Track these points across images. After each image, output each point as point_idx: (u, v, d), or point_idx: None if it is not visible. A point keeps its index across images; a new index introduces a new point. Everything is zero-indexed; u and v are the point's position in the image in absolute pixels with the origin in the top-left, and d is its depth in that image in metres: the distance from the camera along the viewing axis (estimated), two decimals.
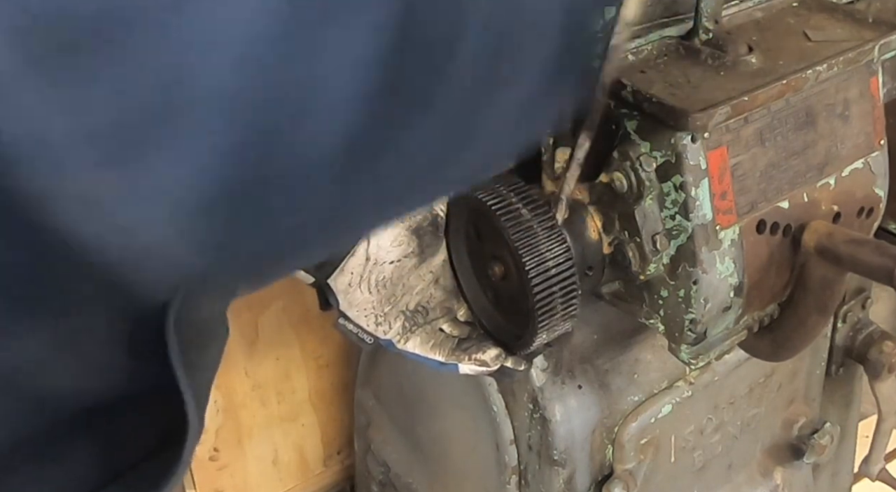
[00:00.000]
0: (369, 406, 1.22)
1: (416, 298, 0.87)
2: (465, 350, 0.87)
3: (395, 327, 0.87)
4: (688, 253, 0.75)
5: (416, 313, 0.87)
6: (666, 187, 0.74)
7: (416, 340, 0.87)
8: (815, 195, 0.80)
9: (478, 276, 0.85)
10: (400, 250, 0.85)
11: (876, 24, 0.82)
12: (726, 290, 0.77)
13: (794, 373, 1.09)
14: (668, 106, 0.71)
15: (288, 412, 1.35)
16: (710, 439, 1.03)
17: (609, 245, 0.79)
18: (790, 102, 0.76)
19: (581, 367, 0.92)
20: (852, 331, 1.12)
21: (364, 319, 0.87)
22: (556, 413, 0.91)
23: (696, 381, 0.96)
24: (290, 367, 1.32)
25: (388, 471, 1.22)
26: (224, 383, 1.26)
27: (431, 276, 0.87)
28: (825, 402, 1.15)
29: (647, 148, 0.74)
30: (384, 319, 0.87)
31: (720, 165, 0.73)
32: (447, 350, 0.88)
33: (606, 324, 0.93)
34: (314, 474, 1.44)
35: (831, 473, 1.24)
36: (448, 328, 0.89)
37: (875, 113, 0.82)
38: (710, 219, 0.74)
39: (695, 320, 0.77)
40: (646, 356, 0.95)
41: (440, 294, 0.88)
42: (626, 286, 0.82)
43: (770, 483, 1.13)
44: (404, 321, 0.87)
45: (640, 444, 0.95)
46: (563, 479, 0.94)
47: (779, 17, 0.85)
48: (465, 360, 0.87)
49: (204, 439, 1.28)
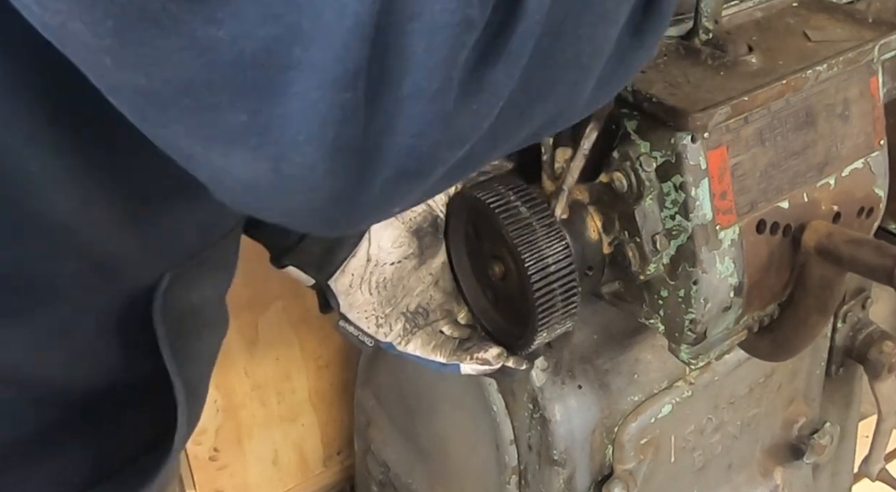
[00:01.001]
0: (369, 406, 1.22)
1: (416, 299, 0.87)
2: (467, 350, 0.87)
3: (395, 329, 0.87)
4: (688, 253, 0.75)
5: (417, 315, 0.87)
6: (666, 187, 0.74)
7: (417, 342, 0.87)
8: (815, 195, 0.80)
9: (478, 276, 0.85)
10: (400, 252, 0.85)
11: (876, 24, 0.82)
12: (726, 290, 0.77)
13: (794, 373, 1.09)
14: (668, 106, 0.71)
15: (288, 412, 1.35)
16: (710, 439, 1.03)
17: (609, 245, 0.79)
18: (790, 102, 0.76)
19: (581, 367, 0.92)
20: (852, 331, 1.12)
21: (365, 320, 0.87)
22: (556, 413, 0.91)
23: (696, 381, 0.96)
24: (290, 367, 1.32)
25: (388, 471, 1.22)
26: (224, 383, 1.26)
27: (431, 278, 0.87)
28: (825, 402, 1.15)
29: (647, 148, 0.74)
30: (385, 321, 0.87)
31: (720, 165, 0.73)
32: (448, 351, 0.87)
33: (606, 324, 0.93)
34: (314, 475, 1.44)
35: (831, 473, 1.24)
36: (448, 330, 0.88)
37: (875, 113, 0.82)
38: (710, 219, 0.74)
39: (695, 320, 0.77)
40: (646, 356, 0.95)
41: (440, 296, 0.88)
42: (626, 286, 0.82)
43: (770, 483, 1.13)
44: (405, 323, 0.87)
45: (640, 444, 0.95)
46: (563, 479, 0.94)
47: (779, 17, 0.85)
48: (466, 360, 0.87)
49: (204, 439, 1.28)
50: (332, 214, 0.43)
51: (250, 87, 0.37)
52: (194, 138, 0.40)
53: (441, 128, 0.41)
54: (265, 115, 0.38)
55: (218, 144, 0.40)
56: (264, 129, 0.38)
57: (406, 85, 0.38)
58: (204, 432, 1.28)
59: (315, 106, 0.37)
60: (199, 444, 1.28)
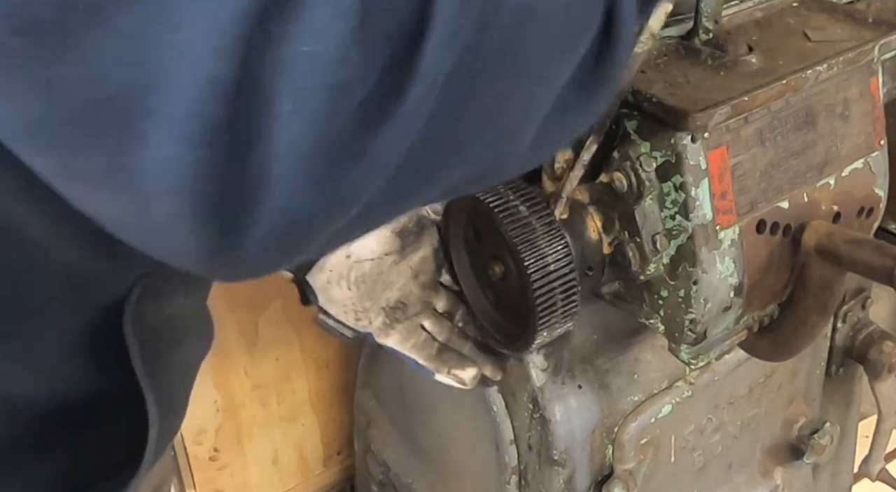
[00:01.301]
0: (369, 406, 1.22)
1: (396, 293, 0.87)
2: (445, 362, 0.88)
3: (375, 323, 0.87)
4: (688, 253, 0.75)
5: (396, 310, 0.88)
6: (666, 187, 0.74)
7: (396, 337, 0.88)
8: (815, 195, 0.80)
9: (478, 277, 0.85)
10: (381, 249, 0.85)
11: (876, 24, 0.82)
12: (726, 290, 0.77)
13: (794, 373, 1.08)
14: (668, 106, 0.71)
15: (288, 412, 1.35)
16: (710, 439, 1.03)
17: (609, 245, 0.79)
18: (790, 102, 0.76)
19: (581, 367, 0.92)
20: (852, 331, 1.12)
21: (344, 315, 0.87)
22: (556, 413, 0.91)
23: (696, 381, 0.96)
24: (290, 367, 1.32)
25: (388, 471, 1.22)
26: (224, 383, 1.26)
27: (411, 271, 0.87)
28: (825, 402, 1.15)
29: (647, 148, 0.74)
30: (364, 315, 0.87)
31: (720, 165, 0.73)
32: (427, 355, 0.88)
33: (606, 324, 0.93)
34: (314, 475, 1.44)
35: (831, 473, 1.24)
36: (429, 325, 0.89)
37: (875, 113, 0.82)
38: (710, 219, 0.74)
39: (695, 320, 0.77)
40: (646, 356, 0.95)
41: (419, 290, 0.88)
42: (626, 286, 0.82)
43: (770, 483, 1.13)
44: (384, 317, 0.87)
45: (640, 444, 0.95)
46: (563, 479, 0.94)
47: (779, 17, 0.85)
48: (443, 371, 0.88)
49: (204, 439, 1.28)
50: (212, 266, 0.42)
51: (108, 130, 0.36)
52: (60, 174, 0.39)
53: (315, 192, 0.39)
54: (123, 161, 0.37)
55: (80, 182, 0.39)
56: (123, 174, 0.37)
57: (273, 146, 0.37)
58: (204, 432, 1.28)
59: (170, 158, 0.36)
60: (199, 444, 1.28)
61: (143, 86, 0.35)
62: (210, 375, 1.24)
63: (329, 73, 0.36)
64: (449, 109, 0.41)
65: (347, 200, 0.41)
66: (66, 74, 0.35)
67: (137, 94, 0.35)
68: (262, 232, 0.39)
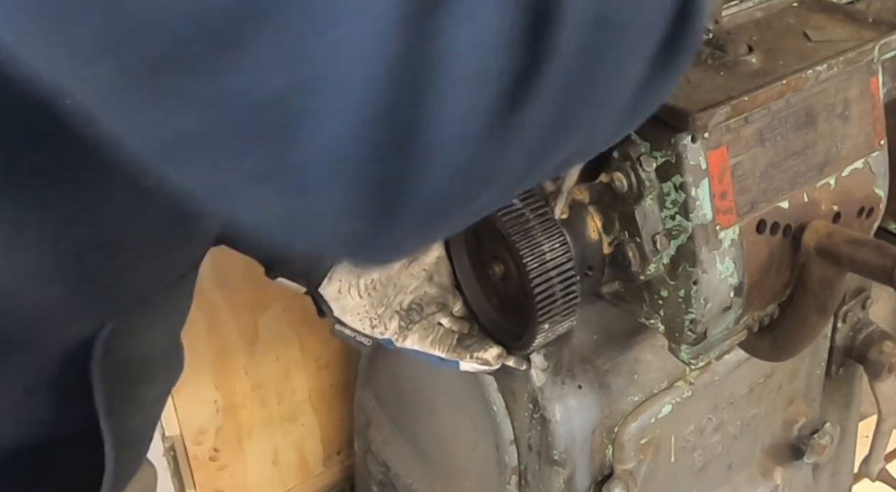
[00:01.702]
0: (369, 406, 1.22)
1: (409, 296, 0.87)
2: (467, 348, 0.87)
3: (391, 328, 0.87)
4: (688, 253, 0.75)
5: (411, 311, 0.87)
6: (666, 187, 0.74)
7: (415, 337, 0.88)
8: (815, 195, 0.80)
9: (478, 277, 0.85)
10: None
11: (876, 24, 0.82)
12: (726, 290, 0.77)
13: (794, 373, 1.08)
14: (669, 106, 0.71)
15: (288, 412, 1.35)
16: (710, 439, 1.03)
17: (609, 245, 0.79)
18: (790, 102, 0.76)
19: (581, 367, 0.92)
20: (852, 331, 1.12)
21: (359, 323, 0.87)
22: (556, 413, 0.91)
23: (696, 381, 0.96)
24: (290, 367, 1.32)
25: (388, 471, 1.22)
26: (224, 383, 1.26)
27: (425, 273, 0.87)
28: (825, 402, 1.15)
29: (647, 148, 0.74)
30: (379, 321, 0.87)
31: (720, 165, 0.73)
32: (447, 346, 0.88)
33: (606, 324, 0.93)
34: (314, 475, 1.44)
35: (831, 473, 1.24)
36: (447, 323, 0.89)
37: (875, 113, 0.82)
38: (710, 219, 0.74)
39: (695, 320, 0.77)
40: (646, 356, 0.95)
41: (435, 291, 0.88)
42: (626, 286, 0.82)
43: (770, 483, 1.13)
44: (400, 321, 0.87)
45: (640, 444, 0.95)
46: (563, 479, 0.94)
47: (779, 17, 0.85)
48: (466, 358, 0.87)
49: (204, 439, 1.28)
50: (360, 251, 0.43)
51: (268, 133, 0.37)
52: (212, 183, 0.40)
53: (467, 174, 0.40)
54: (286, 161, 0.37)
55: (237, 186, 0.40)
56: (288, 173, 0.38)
57: (435, 132, 0.38)
58: (204, 432, 1.28)
59: (336, 153, 0.37)
60: (199, 444, 1.28)
61: (308, 86, 0.35)
62: (210, 375, 1.24)
63: (487, 58, 0.37)
64: (578, 81, 0.42)
65: (494, 178, 0.42)
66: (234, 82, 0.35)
67: (300, 93, 0.35)
68: (415, 216, 0.40)
